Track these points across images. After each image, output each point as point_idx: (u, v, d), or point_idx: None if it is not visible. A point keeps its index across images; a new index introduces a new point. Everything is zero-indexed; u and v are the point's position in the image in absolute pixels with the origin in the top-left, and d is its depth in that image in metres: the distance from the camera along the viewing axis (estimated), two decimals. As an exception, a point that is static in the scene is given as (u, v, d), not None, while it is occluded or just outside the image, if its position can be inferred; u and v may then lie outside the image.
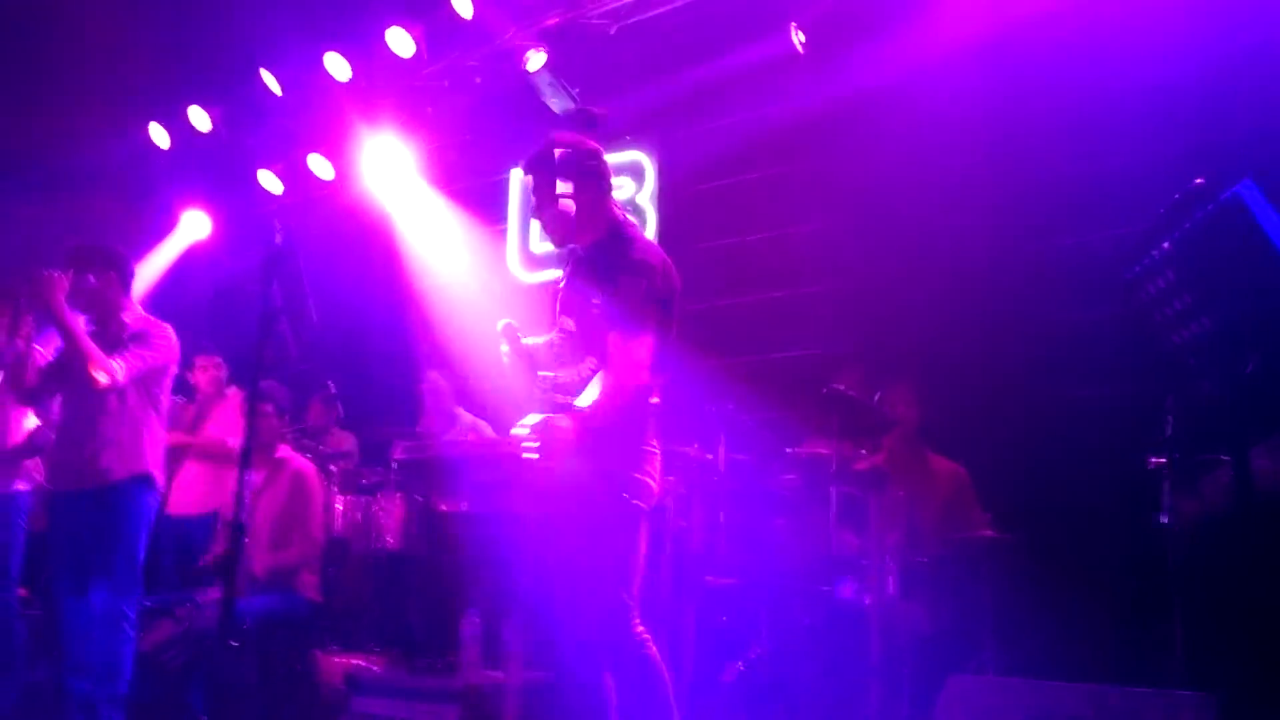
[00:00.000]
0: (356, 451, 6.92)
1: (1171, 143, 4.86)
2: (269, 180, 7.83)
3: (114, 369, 4.41)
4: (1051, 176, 5.40)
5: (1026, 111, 5.51)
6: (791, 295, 6.22)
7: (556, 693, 3.44)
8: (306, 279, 3.77)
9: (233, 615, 3.60)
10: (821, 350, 5.91)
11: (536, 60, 6.63)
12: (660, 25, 6.46)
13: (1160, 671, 3.73)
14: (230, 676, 4.90)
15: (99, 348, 4.42)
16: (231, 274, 7.83)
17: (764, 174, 6.51)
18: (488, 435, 6.36)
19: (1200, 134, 4.83)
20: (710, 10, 6.31)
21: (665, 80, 6.46)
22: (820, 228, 6.17)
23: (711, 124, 6.61)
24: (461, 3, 6.58)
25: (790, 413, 5.53)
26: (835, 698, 4.49)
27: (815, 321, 6.05)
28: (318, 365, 6.67)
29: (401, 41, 6.86)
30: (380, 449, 6.46)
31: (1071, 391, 5.03)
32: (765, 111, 6.29)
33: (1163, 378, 3.56)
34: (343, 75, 7.11)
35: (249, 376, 3.70)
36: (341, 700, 4.91)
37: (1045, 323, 5.23)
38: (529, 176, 3.56)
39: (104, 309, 4.63)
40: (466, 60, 7.03)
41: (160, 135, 7.83)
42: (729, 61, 6.24)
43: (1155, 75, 4.90)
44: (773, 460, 5.21)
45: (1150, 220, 2.67)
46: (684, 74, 6.40)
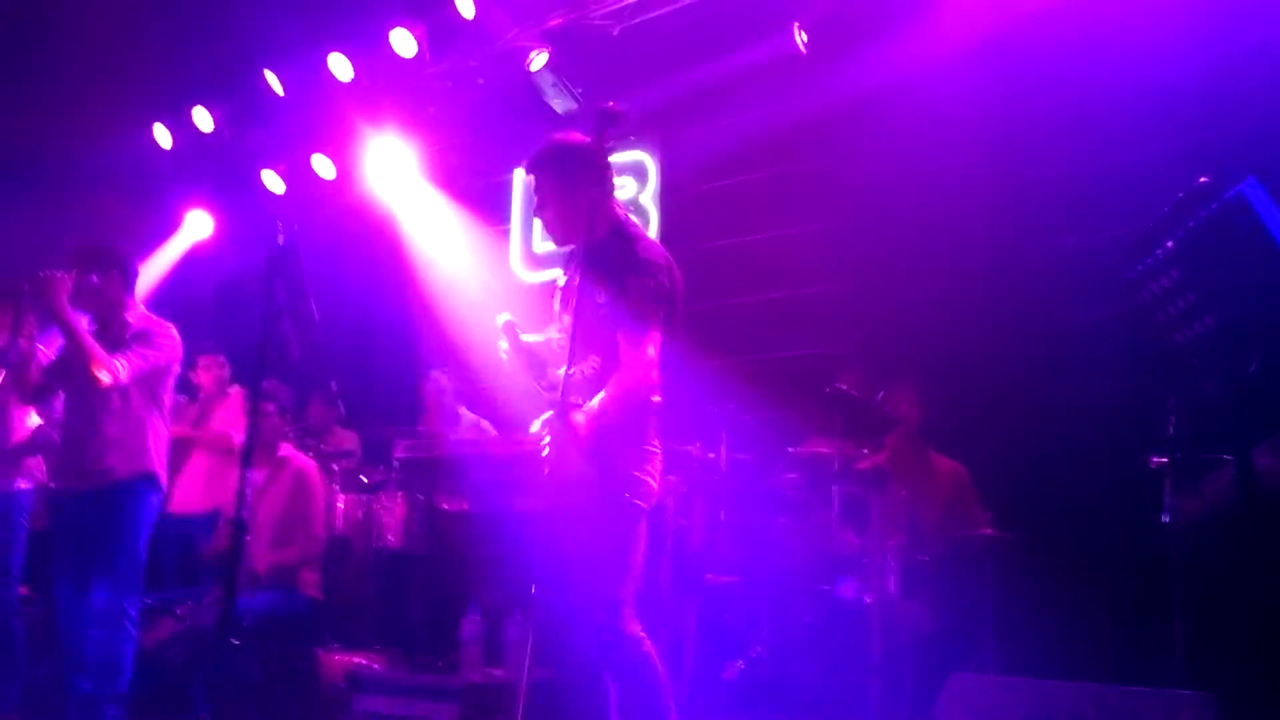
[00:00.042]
0: (358, 450, 6.93)
1: (1172, 142, 4.86)
2: (272, 180, 7.84)
3: (116, 368, 4.40)
4: (1052, 176, 5.41)
5: (1027, 112, 5.52)
6: (794, 295, 6.22)
7: (557, 691, 3.44)
8: (309, 279, 3.77)
9: (234, 613, 3.61)
10: (823, 350, 5.91)
11: (539, 61, 6.65)
12: (663, 26, 6.47)
13: (1160, 671, 3.73)
14: (231, 674, 4.90)
15: (101, 347, 4.42)
16: (234, 274, 7.85)
17: (767, 174, 6.52)
18: (489, 435, 6.37)
19: (1201, 134, 4.83)
20: (713, 11, 6.32)
21: (668, 80, 6.47)
22: (823, 227, 6.18)
23: (714, 124, 6.62)
24: (464, 3, 6.59)
25: (792, 412, 5.54)
26: (836, 696, 4.49)
27: (817, 321, 6.06)
28: (320, 364, 6.67)
29: (404, 42, 6.86)
30: (382, 448, 6.47)
31: (1073, 391, 5.03)
32: (767, 112, 6.30)
33: (1165, 377, 3.57)
34: (345, 75, 7.12)
35: (251, 376, 3.70)
36: (342, 698, 4.92)
37: (1047, 322, 5.24)
38: (531, 176, 3.57)
39: (107, 308, 4.63)
40: (469, 61, 7.04)
41: (163, 135, 7.84)
42: (731, 62, 6.25)
43: (1156, 75, 4.90)
44: (774, 459, 5.22)
45: (1153, 219, 2.66)
46: (686, 74, 6.41)
